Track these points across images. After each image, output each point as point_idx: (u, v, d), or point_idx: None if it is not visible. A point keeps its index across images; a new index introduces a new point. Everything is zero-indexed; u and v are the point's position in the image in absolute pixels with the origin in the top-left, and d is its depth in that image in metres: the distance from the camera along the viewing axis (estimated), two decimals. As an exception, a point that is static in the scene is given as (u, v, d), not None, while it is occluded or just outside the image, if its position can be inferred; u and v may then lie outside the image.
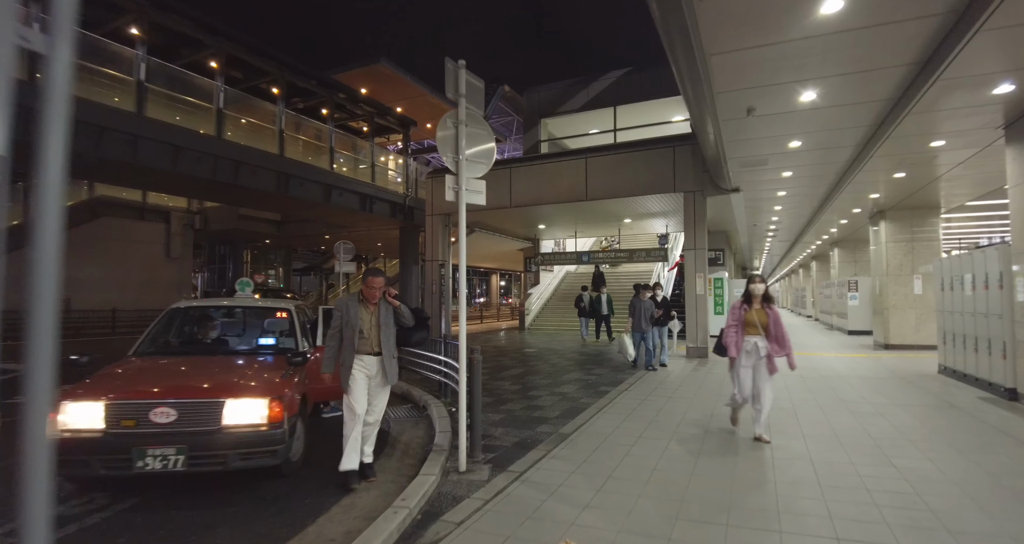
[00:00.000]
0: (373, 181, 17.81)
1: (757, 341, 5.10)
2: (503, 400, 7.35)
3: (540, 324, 20.23)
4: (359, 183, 17.18)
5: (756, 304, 5.16)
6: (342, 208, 16.81)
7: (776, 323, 5.07)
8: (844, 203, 12.55)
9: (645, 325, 9.49)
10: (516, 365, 10.76)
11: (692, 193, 11.92)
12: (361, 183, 17.26)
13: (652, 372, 9.42)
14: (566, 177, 13.24)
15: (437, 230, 15.18)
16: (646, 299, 9.63)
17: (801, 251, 26.59)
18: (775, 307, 5.19)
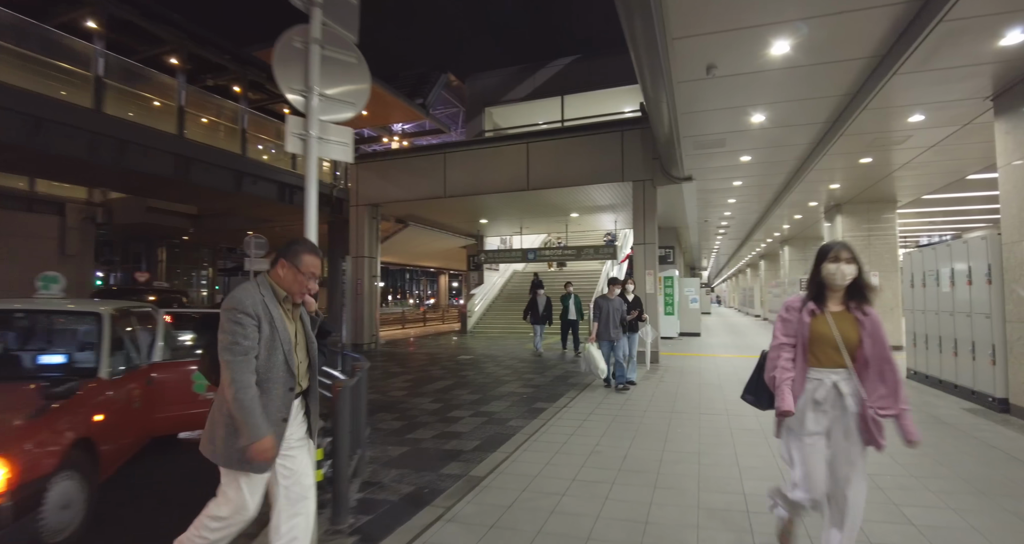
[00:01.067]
0: (294, 169, 15.98)
1: (838, 381, 2.43)
2: (414, 425, 5.92)
3: (484, 327, 18.86)
4: (277, 171, 15.32)
5: (835, 304, 2.43)
6: (257, 198, 14.91)
7: (878, 342, 2.40)
8: (801, 195, 11.76)
9: (614, 332, 7.27)
10: (444, 376, 9.33)
11: (642, 182, 10.82)
12: (280, 171, 15.39)
13: (617, 390, 7.38)
14: (506, 164, 11.93)
15: (362, 222, 13.58)
16: (615, 298, 7.48)
17: (750, 250, 26.30)
18: (872, 310, 2.44)
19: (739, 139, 8.00)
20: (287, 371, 2.22)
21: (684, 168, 9.67)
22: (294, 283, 2.28)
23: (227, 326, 2.11)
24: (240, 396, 2.06)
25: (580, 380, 8.45)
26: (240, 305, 2.13)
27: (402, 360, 11.60)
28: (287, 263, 2.28)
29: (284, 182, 15.67)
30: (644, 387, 7.75)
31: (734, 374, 8.82)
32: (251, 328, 2.12)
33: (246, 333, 2.11)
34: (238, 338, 2.10)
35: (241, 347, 2.09)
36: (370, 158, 13.80)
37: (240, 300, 2.14)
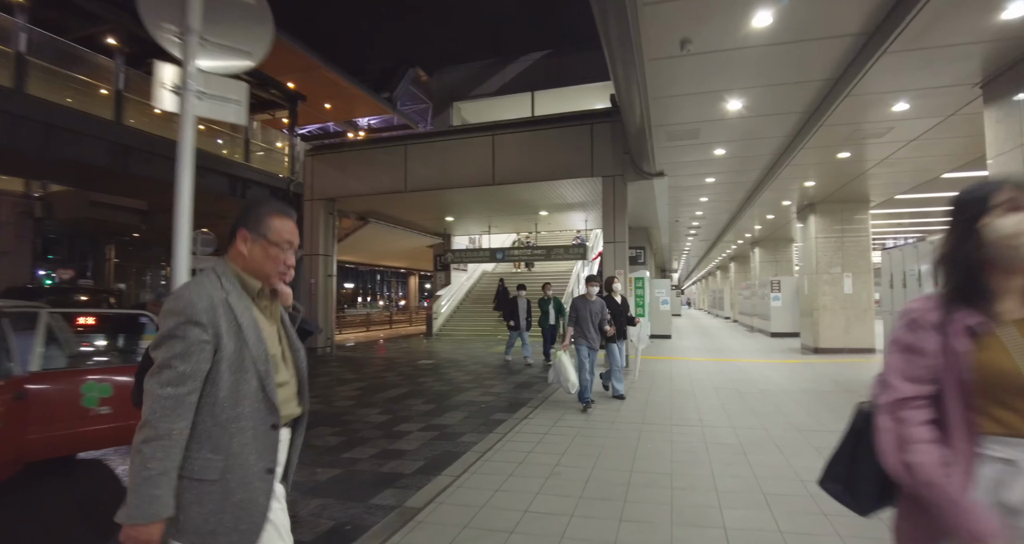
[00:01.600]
0: (247, 161, 15.04)
1: None
2: (353, 442, 5.23)
3: (450, 330, 18.16)
4: (228, 162, 14.37)
5: (1017, 304, 1.20)
6: (206, 192, 13.92)
7: None
8: (775, 193, 11.40)
9: (592, 338, 6.23)
10: (399, 384, 8.62)
11: (612, 178, 10.32)
12: (231, 162, 14.44)
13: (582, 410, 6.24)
14: (471, 157, 11.29)
15: (317, 217, 12.76)
16: (595, 299, 6.37)
17: (720, 252, 26.19)
18: None
19: (714, 129, 7.52)
20: (264, 401, 1.49)
21: (656, 163, 9.18)
22: (266, 261, 1.54)
23: (162, 341, 1.40)
24: (145, 448, 1.33)
25: (544, 388, 7.85)
26: (185, 310, 1.39)
27: (357, 366, 10.84)
28: (250, 233, 1.54)
29: (236, 175, 14.71)
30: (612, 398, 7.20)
31: (707, 379, 8.34)
32: (197, 346, 1.39)
33: (187, 353, 1.38)
34: (173, 360, 1.37)
35: (175, 374, 1.36)
36: (326, 150, 13.00)
37: (187, 302, 1.40)
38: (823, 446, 4.64)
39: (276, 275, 1.57)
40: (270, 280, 1.58)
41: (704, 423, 5.57)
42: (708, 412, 6.07)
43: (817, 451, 4.51)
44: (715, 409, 6.23)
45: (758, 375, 8.79)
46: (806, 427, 5.34)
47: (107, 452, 4.92)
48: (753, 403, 6.54)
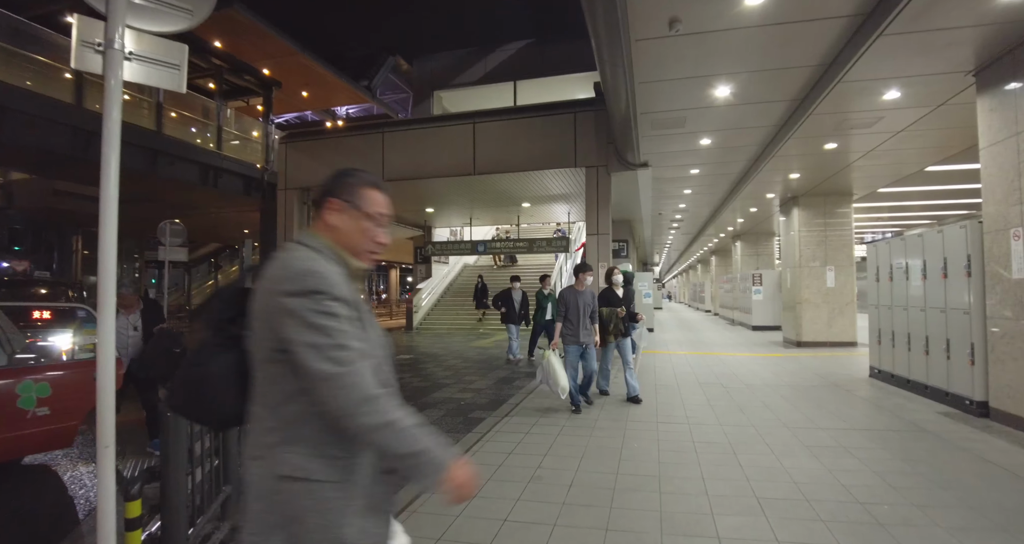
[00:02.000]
0: (219, 149, 14.50)
1: None
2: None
3: (431, 323, 17.84)
4: (199, 150, 13.82)
5: None
6: (175, 181, 13.38)
7: None
8: (759, 186, 11.28)
9: (584, 334, 5.69)
10: (375, 378, 8.31)
11: (595, 168, 10.07)
12: (201, 150, 13.90)
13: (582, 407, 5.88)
14: (451, 146, 10.94)
15: (292, 208, 12.31)
16: (585, 290, 5.83)
17: (701, 246, 26.20)
18: None
19: (700, 118, 7.30)
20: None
21: (640, 153, 8.95)
22: (362, 237, 1.38)
23: (313, 320, 1.17)
24: (396, 413, 1.17)
25: (526, 383, 7.61)
26: (326, 285, 1.20)
27: (333, 360, 10.48)
28: (343, 203, 1.37)
29: (207, 163, 14.19)
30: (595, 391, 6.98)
31: (691, 373, 8.17)
32: (352, 323, 1.23)
33: (347, 329, 1.21)
34: (342, 338, 1.18)
35: (351, 351, 1.18)
36: (301, 137, 12.54)
37: (321, 277, 1.20)
38: (814, 445, 4.47)
39: (367, 253, 1.40)
40: (361, 257, 1.39)
41: (691, 420, 5.38)
42: (694, 408, 5.89)
43: (808, 450, 4.33)
44: (701, 405, 6.05)
45: (742, 369, 8.66)
46: (795, 424, 5.17)
47: (53, 456, 4.56)
48: (739, 398, 6.37)
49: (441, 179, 11.31)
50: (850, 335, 11.64)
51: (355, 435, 1.18)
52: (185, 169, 13.63)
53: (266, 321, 1.20)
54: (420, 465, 1.18)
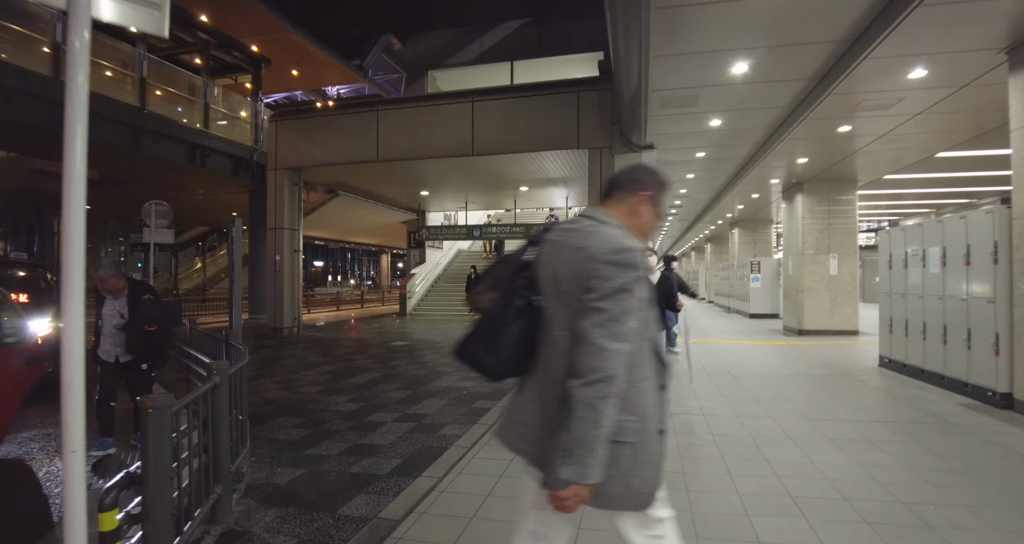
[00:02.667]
0: (206, 128, 13.96)
1: None
2: (320, 434, 4.66)
3: (424, 310, 17.54)
4: (185, 129, 13.29)
5: None
6: (159, 160, 12.87)
7: None
8: (764, 171, 11.02)
9: None
10: (371, 367, 8.02)
11: (599, 150, 9.76)
12: (187, 129, 13.37)
13: None
14: (448, 125, 10.57)
15: (282, 188, 11.91)
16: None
17: (698, 233, 26.01)
18: None
19: (714, 97, 7.00)
20: (658, 361, 1.49)
21: (646, 134, 8.64)
22: (652, 226, 1.60)
23: (615, 293, 1.31)
24: (601, 405, 1.27)
25: (528, 371, 7.38)
26: (639, 264, 1.34)
27: (326, 347, 10.18)
28: (654, 196, 1.58)
29: (194, 142, 13.68)
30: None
31: (696, 362, 7.97)
32: (642, 303, 1.36)
33: (638, 309, 1.34)
34: (626, 316, 1.31)
35: (627, 330, 1.31)
36: (292, 115, 12.08)
37: (638, 256, 1.35)
38: (839, 438, 4.26)
39: (646, 239, 1.61)
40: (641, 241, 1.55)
41: (705, 411, 5.15)
42: (707, 398, 5.67)
43: (834, 444, 4.12)
44: (713, 395, 5.83)
45: (747, 358, 8.47)
46: (814, 415, 4.96)
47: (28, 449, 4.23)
48: (751, 388, 6.16)
49: (437, 160, 10.94)
50: (852, 324, 11.50)
51: (565, 397, 1.30)
52: (171, 148, 13.12)
53: (580, 283, 1.33)
54: (574, 460, 1.25)
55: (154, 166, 13.55)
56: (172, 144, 13.12)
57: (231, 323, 5.42)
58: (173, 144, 13.13)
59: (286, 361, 8.59)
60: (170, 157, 13.09)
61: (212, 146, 14.10)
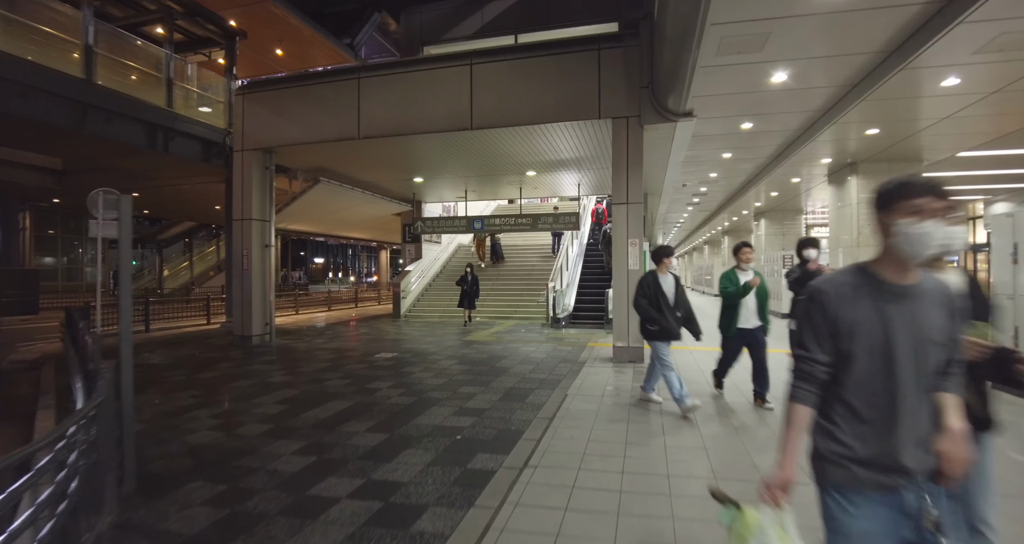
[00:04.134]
0: (170, 106, 12.26)
1: None
2: (233, 524, 2.95)
3: (420, 311, 15.85)
4: (144, 107, 11.57)
5: None
6: (110, 141, 11.15)
7: None
8: (815, 148, 9.28)
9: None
10: (342, 392, 6.32)
11: (625, 120, 8.03)
12: (147, 107, 11.64)
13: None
14: (442, 94, 8.84)
15: (251, 173, 10.21)
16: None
17: (716, 226, 24.23)
18: None
19: (789, 37, 5.27)
20: None
21: (688, 96, 6.90)
22: None
23: None
24: None
25: (545, 399, 5.65)
26: None
27: (296, 361, 8.50)
28: None
29: (154, 123, 11.96)
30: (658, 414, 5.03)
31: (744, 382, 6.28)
32: None
33: None
34: None
35: None
36: (260, 87, 10.36)
37: None
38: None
39: None
40: None
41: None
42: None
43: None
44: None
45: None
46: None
47: None
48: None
49: (430, 137, 9.21)
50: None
51: None
52: (125, 128, 11.41)
53: None
54: None
55: (105, 148, 11.85)
56: (126, 123, 11.41)
57: (121, 336, 3.74)
58: (128, 123, 11.42)
59: (241, 382, 6.91)
60: (125, 138, 11.38)
61: (177, 128, 12.39)
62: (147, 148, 11.94)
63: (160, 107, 12.15)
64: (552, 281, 13.28)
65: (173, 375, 7.42)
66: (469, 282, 13.51)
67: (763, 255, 17.86)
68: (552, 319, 12.89)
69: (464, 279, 13.59)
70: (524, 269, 17.47)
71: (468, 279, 13.54)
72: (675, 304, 5.21)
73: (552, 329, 12.21)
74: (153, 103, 11.99)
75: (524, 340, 10.45)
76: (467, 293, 13.43)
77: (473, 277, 13.64)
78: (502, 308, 14.79)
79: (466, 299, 13.45)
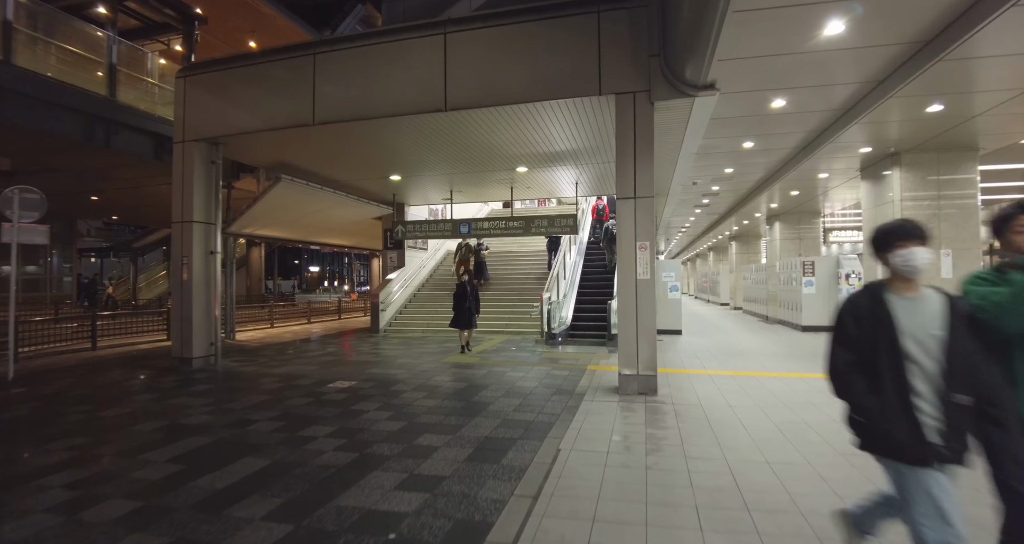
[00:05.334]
0: (113, 95, 10.83)
1: None
2: None
3: (402, 324, 14.33)
4: (78, 94, 10.14)
5: None
6: (33, 133, 9.71)
7: None
8: (857, 132, 7.83)
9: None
10: (263, 444, 4.79)
11: (630, 96, 6.56)
12: (83, 95, 10.22)
13: None
14: (412, 70, 7.40)
15: (193, 167, 8.75)
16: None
17: (723, 231, 22.74)
18: None
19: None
20: None
21: (711, 59, 5.43)
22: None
23: None
24: None
25: (527, 460, 4.13)
26: None
27: (231, 393, 6.98)
28: None
29: (93, 113, 10.52)
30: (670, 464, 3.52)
31: (794, 423, 4.78)
32: None
33: None
34: None
35: None
36: (203, 68, 8.91)
37: None
38: None
39: None
40: None
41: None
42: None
43: None
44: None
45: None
46: None
47: None
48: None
49: (398, 122, 7.74)
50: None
51: None
52: (53, 118, 9.96)
53: None
54: None
55: (31, 142, 10.38)
56: (57, 113, 9.96)
57: None
58: (58, 113, 9.97)
59: (146, 425, 5.40)
60: (54, 129, 9.93)
61: (122, 120, 10.95)
62: (85, 142, 10.48)
63: (100, 96, 10.71)
64: (547, 291, 11.78)
65: (71, 413, 5.90)
66: (469, 296, 10.09)
67: (777, 262, 16.38)
68: (547, 335, 11.38)
69: (463, 293, 10.08)
70: (517, 278, 15.98)
71: (467, 291, 10.14)
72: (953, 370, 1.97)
73: (547, 347, 10.69)
74: (92, 91, 10.54)
75: (513, 362, 8.94)
76: (465, 310, 9.99)
77: (473, 289, 10.37)
78: (492, 322, 13.27)
79: (463, 317, 9.98)
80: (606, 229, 14.57)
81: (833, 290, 13.76)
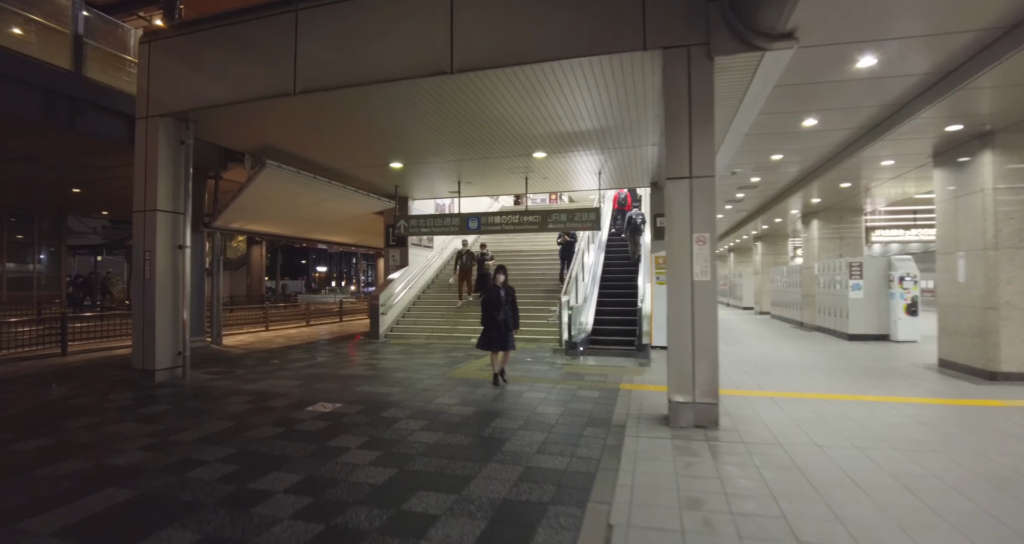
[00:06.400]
0: (79, 70, 9.62)
1: None
2: None
3: (405, 329, 13.05)
4: (35, 66, 8.93)
5: None
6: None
7: None
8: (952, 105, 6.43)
9: None
10: (193, 506, 3.47)
11: (684, 50, 5.22)
12: (40, 67, 9.01)
13: None
14: (411, 24, 6.10)
15: (157, 147, 7.49)
16: None
17: (751, 229, 21.25)
18: None
19: None
20: None
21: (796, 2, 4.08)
22: None
23: None
24: None
25: (571, 521, 2.81)
26: None
27: (190, 417, 5.71)
28: None
29: (53, 90, 9.30)
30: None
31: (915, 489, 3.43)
32: None
33: None
34: None
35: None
36: (171, 32, 7.66)
37: None
38: None
39: None
40: None
41: None
42: None
43: None
44: None
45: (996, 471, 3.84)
46: None
47: None
48: None
49: (393, 88, 6.44)
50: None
51: None
52: (9, 93, 8.74)
53: None
54: None
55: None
56: (11, 88, 8.75)
57: None
58: (10, 88, 8.76)
59: (63, 465, 4.14)
60: (7, 108, 8.71)
61: (88, 98, 9.73)
62: (44, 121, 9.26)
63: (63, 70, 9.49)
64: (566, 295, 10.43)
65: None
66: (504, 304, 7.05)
67: (816, 263, 14.94)
68: (567, 343, 10.04)
69: (496, 301, 7.05)
70: (531, 279, 14.64)
71: (501, 296, 7.08)
72: None
73: (567, 358, 9.35)
74: (51, 64, 9.33)
75: (530, 378, 7.60)
76: (499, 325, 6.96)
77: (509, 294, 7.20)
78: (503, 327, 11.92)
79: (497, 335, 6.96)
80: (629, 218, 13.24)
81: (884, 294, 12.34)
